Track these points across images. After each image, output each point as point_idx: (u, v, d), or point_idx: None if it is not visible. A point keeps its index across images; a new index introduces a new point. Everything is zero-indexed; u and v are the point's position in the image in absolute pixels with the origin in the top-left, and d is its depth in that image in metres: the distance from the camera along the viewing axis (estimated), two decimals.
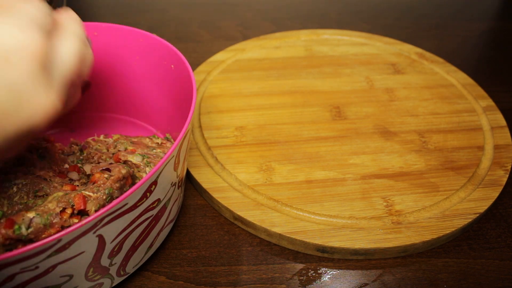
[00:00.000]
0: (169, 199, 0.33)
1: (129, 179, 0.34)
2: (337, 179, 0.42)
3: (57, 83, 0.25)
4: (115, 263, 0.31)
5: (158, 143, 0.39)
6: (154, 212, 0.31)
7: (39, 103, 0.23)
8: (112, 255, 0.30)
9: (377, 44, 0.63)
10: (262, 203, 0.40)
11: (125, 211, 0.27)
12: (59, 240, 0.24)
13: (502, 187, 0.42)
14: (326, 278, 0.36)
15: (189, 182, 0.44)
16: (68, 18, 0.28)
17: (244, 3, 0.78)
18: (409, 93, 0.54)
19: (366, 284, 0.36)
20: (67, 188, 0.33)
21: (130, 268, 0.34)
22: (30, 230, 0.28)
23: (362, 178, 0.42)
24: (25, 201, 0.32)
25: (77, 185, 0.35)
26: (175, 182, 0.33)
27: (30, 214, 0.28)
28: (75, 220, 0.30)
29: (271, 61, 0.59)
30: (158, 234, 0.35)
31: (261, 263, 0.37)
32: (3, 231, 0.27)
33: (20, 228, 0.28)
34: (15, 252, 0.22)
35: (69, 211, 0.30)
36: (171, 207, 0.35)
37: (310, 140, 0.47)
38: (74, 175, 0.36)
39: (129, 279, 0.36)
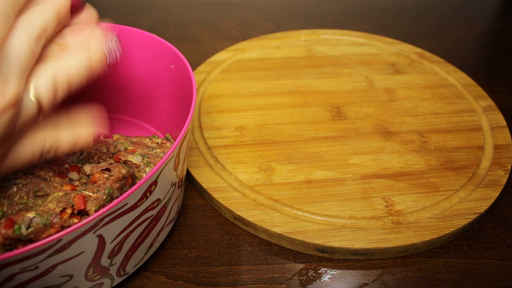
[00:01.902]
0: (169, 199, 0.33)
1: (129, 179, 0.34)
2: (337, 179, 0.42)
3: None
4: (115, 263, 0.31)
5: (158, 143, 0.39)
6: (154, 212, 0.31)
7: None
8: (112, 255, 0.30)
9: (377, 44, 0.63)
10: (262, 203, 0.40)
11: (125, 211, 0.27)
12: (59, 240, 0.24)
13: (502, 187, 0.42)
14: (326, 278, 0.36)
15: (189, 182, 0.44)
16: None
17: (244, 3, 0.78)
18: (409, 93, 0.54)
19: (366, 284, 0.36)
20: (67, 188, 0.33)
21: (130, 268, 0.34)
22: (30, 230, 0.28)
23: (362, 178, 0.42)
24: (25, 201, 0.32)
25: (77, 185, 0.35)
26: (175, 182, 0.33)
27: (30, 214, 0.28)
28: (75, 220, 0.30)
29: (271, 61, 0.59)
30: (158, 234, 0.35)
31: (261, 263, 0.37)
32: (3, 231, 0.27)
33: (20, 228, 0.28)
34: (15, 252, 0.22)
35: (69, 211, 0.30)
36: (171, 207, 0.35)
37: (310, 140, 0.47)
38: (74, 175, 0.36)
39: (129, 279, 0.36)
